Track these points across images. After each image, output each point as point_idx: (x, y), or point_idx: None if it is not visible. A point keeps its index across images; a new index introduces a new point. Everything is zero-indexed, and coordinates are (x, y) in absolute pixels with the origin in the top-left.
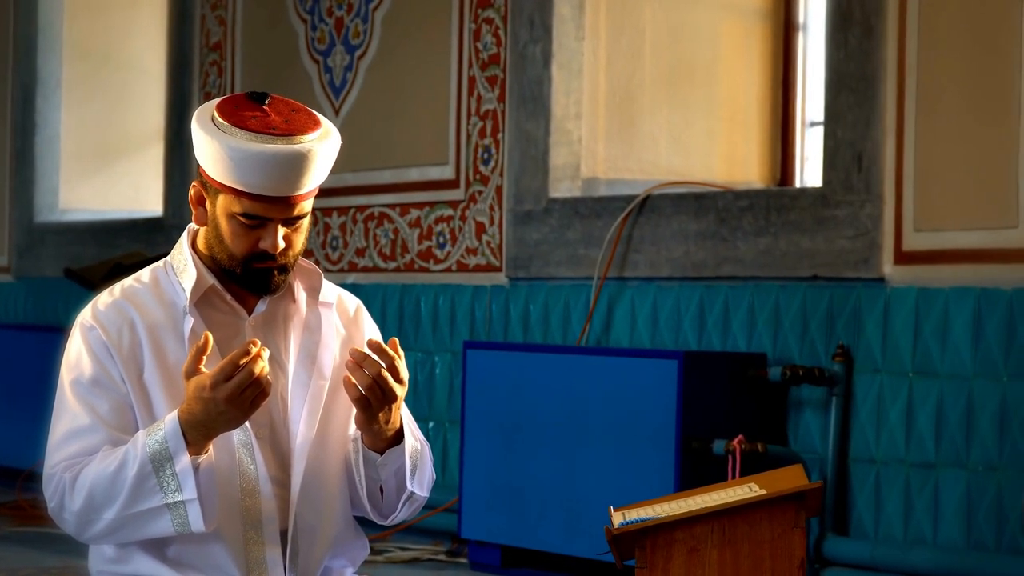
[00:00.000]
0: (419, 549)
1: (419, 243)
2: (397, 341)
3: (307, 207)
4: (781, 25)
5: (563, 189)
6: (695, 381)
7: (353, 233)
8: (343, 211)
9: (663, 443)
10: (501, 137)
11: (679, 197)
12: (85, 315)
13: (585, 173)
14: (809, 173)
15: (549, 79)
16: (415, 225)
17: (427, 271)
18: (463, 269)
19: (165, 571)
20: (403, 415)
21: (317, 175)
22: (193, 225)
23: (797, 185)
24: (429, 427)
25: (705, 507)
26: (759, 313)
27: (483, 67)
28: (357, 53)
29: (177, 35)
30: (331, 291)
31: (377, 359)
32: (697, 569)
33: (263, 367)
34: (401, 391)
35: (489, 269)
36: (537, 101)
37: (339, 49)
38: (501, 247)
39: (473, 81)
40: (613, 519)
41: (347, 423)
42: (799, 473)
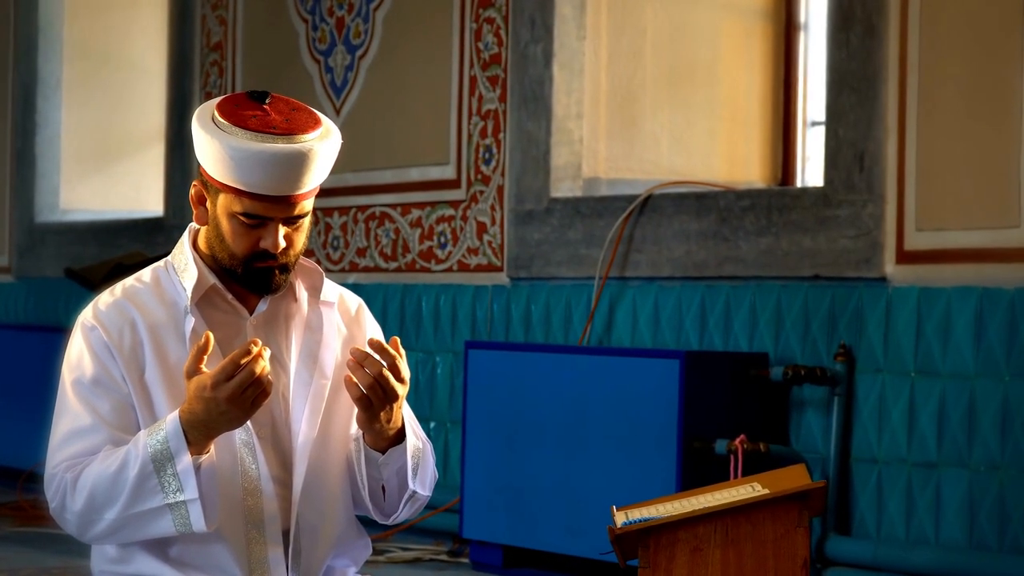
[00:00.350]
0: (421, 549)
1: (420, 243)
2: (398, 340)
3: (308, 206)
4: (782, 25)
5: (564, 189)
6: (697, 381)
7: (354, 233)
8: (344, 211)
9: (665, 443)
10: (502, 137)
11: (680, 197)
12: (86, 315)
13: (586, 173)
14: (811, 173)
15: (550, 79)
16: (416, 225)
17: (428, 271)
18: (464, 269)
19: (167, 571)
20: (405, 414)
21: (318, 174)
22: (194, 225)
23: (799, 185)
24: (430, 427)
25: (708, 507)
26: (761, 313)
27: (484, 67)
28: (358, 53)
29: (178, 35)
30: (332, 290)
31: (378, 358)
32: (700, 569)
33: (264, 366)
34: (402, 390)
35: (490, 269)
36: (538, 101)
37: (340, 49)
38: (502, 247)
39: (474, 81)
40: (616, 519)
41: (349, 422)
42: (802, 473)
